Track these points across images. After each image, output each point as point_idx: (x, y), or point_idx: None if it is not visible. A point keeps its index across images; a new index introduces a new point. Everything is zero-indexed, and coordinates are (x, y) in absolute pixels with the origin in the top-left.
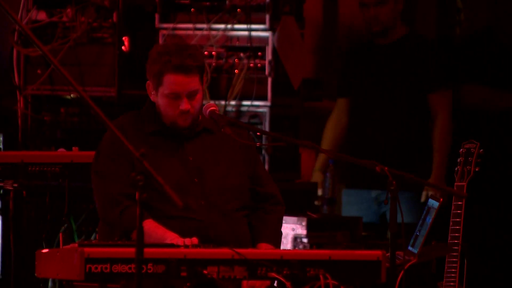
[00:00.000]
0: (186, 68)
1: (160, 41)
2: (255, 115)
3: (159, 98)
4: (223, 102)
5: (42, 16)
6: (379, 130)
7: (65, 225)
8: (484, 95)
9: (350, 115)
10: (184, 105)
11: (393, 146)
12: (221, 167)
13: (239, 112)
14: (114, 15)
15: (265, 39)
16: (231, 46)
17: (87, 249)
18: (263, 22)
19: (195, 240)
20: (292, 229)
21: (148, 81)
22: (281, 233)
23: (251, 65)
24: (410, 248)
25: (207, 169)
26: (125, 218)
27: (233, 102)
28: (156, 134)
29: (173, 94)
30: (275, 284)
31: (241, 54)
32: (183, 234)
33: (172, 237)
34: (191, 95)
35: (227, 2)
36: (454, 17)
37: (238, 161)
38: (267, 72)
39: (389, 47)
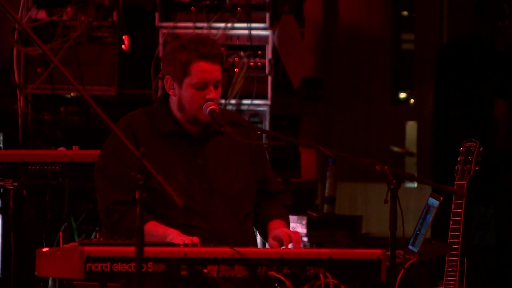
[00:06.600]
0: (213, 56)
1: (160, 40)
2: (255, 114)
3: (183, 90)
4: (223, 101)
5: (42, 15)
6: None
7: (65, 224)
8: None
9: None
10: (211, 94)
11: None
12: (231, 171)
13: (239, 111)
14: (114, 14)
15: (265, 38)
16: (231, 45)
17: (87, 248)
18: (263, 21)
19: (196, 239)
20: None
21: (167, 76)
22: (289, 219)
23: (251, 64)
24: (410, 247)
25: (217, 174)
26: (125, 222)
27: (233, 101)
28: (170, 136)
29: (201, 84)
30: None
31: (241, 53)
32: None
33: (174, 234)
34: (216, 85)
35: (227, 1)
36: None
37: (247, 163)
38: (267, 71)
39: None
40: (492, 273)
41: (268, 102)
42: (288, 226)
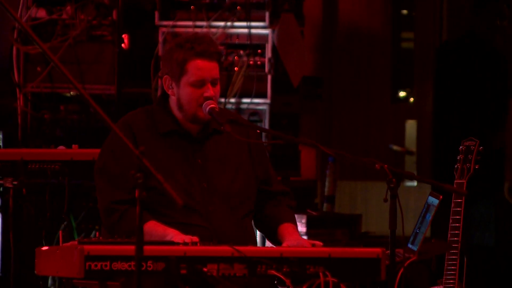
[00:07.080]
0: (210, 54)
1: (160, 38)
2: (255, 112)
3: (181, 89)
4: (222, 100)
5: (41, 13)
6: None
7: (65, 222)
8: None
9: None
10: (210, 92)
11: None
12: (230, 170)
13: (238, 110)
14: (114, 12)
15: (264, 37)
16: (230, 44)
17: (86, 247)
18: (263, 20)
19: (195, 238)
20: None
21: (165, 76)
22: (296, 221)
23: (251, 62)
24: (410, 245)
25: (217, 173)
26: (125, 221)
27: (232, 100)
28: (170, 135)
29: (198, 82)
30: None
31: (241, 52)
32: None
33: (173, 233)
34: (214, 83)
35: None
36: None
37: (247, 162)
38: (266, 69)
39: None
40: (491, 272)
41: (267, 100)
42: (297, 229)
